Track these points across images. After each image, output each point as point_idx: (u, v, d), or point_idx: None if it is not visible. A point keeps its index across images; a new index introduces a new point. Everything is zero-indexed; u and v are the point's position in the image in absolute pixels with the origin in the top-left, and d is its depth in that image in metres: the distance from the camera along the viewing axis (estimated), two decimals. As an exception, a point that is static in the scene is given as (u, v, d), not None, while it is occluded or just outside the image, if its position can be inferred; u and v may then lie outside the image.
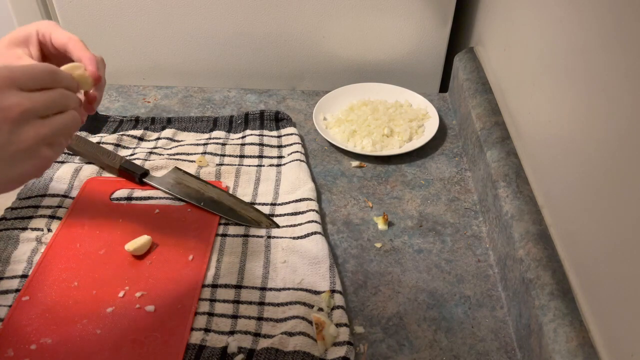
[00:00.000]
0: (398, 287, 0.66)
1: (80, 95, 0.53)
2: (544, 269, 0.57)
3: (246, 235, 0.70)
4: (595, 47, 0.54)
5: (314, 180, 0.80)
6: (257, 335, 0.59)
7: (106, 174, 0.79)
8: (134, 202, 0.75)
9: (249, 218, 0.72)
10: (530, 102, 0.70)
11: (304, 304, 0.61)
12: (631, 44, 0.47)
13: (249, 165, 0.81)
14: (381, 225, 0.74)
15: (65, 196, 0.75)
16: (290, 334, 0.58)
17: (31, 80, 0.44)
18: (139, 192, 0.76)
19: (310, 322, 0.59)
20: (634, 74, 0.46)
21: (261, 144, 0.85)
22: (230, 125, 0.90)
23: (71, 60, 0.56)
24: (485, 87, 0.86)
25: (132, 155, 0.83)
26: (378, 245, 0.71)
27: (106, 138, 0.85)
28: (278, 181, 0.79)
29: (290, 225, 0.72)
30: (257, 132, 0.87)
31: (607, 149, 0.51)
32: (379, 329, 0.62)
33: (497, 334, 0.61)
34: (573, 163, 0.58)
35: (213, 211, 0.73)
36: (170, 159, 0.81)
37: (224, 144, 0.85)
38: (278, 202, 0.75)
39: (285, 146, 0.85)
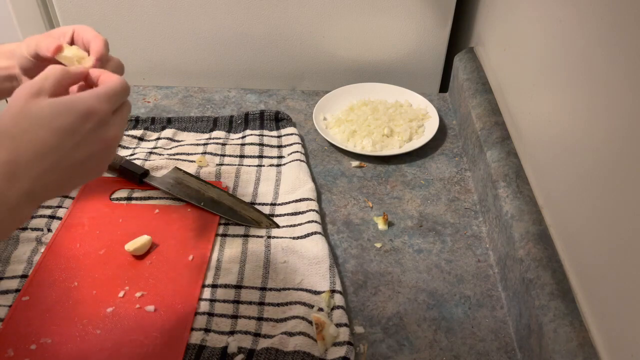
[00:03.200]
0: (398, 287, 0.66)
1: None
2: (544, 269, 0.57)
3: (246, 235, 0.70)
4: (595, 47, 0.54)
5: (314, 180, 0.80)
6: (257, 335, 0.59)
7: (106, 174, 0.79)
8: (134, 202, 0.75)
9: (249, 218, 0.72)
10: (530, 102, 0.70)
11: (304, 304, 0.61)
12: (631, 44, 0.47)
13: (249, 165, 0.81)
14: (381, 225, 0.74)
15: (65, 196, 0.75)
16: (290, 334, 0.58)
17: (119, 101, 0.48)
18: (139, 192, 0.76)
19: (310, 322, 0.59)
20: (634, 74, 0.46)
21: (261, 144, 0.85)
22: (230, 125, 0.90)
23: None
24: (485, 87, 0.86)
25: (132, 155, 0.83)
26: (378, 245, 0.71)
27: (106, 138, 0.85)
28: (278, 181, 0.79)
29: (290, 225, 0.71)
30: (257, 132, 0.87)
31: (608, 149, 0.51)
32: (379, 329, 0.62)
33: (497, 334, 0.61)
34: (573, 163, 0.58)
35: (213, 211, 0.73)
36: (170, 159, 0.81)
37: (224, 144, 0.85)
38: (278, 202, 0.75)
39: (285, 146, 0.85)
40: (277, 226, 0.72)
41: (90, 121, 0.44)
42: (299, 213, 0.73)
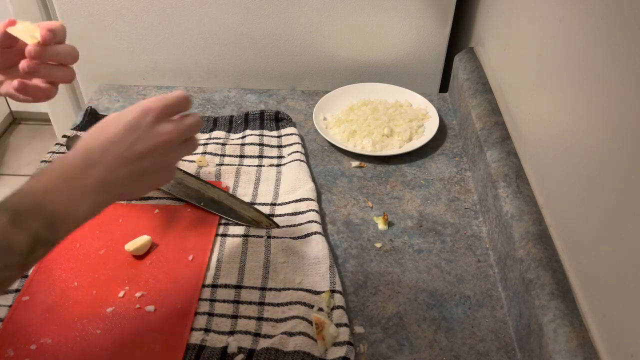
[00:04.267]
0: (398, 287, 0.66)
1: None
2: (544, 269, 0.57)
3: (246, 235, 0.70)
4: (595, 47, 0.54)
5: (314, 180, 0.80)
6: (257, 335, 0.59)
7: (106, 174, 0.79)
8: (133, 202, 0.75)
9: (249, 218, 0.72)
10: (530, 102, 0.70)
11: (304, 304, 0.61)
12: (631, 44, 0.47)
13: (249, 165, 0.81)
14: (381, 225, 0.74)
15: (65, 196, 0.75)
16: (290, 334, 0.58)
17: (179, 109, 0.53)
18: (139, 192, 0.76)
19: (310, 322, 0.59)
20: (634, 74, 0.46)
21: (261, 144, 0.85)
22: (230, 125, 0.90)
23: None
24: (485, 87, 0.86)
25: (132, 155, 0.82)
26: (378, 245, 0.71)
27: (106, 138, 0.85)
28: (278, 181, 0.79)
29: (290, 225, 0.71)
30: (257, 132, 0.87)
31: (608, 148, 0.51)
32: (379, 329, 0.62)
33: (497, 334, 0.61)
34: (573, 163, 0.58)
35: (213, 211, 0.73)
36: (170, 159, 0.81)
37: (224, 144, 0.85)
38: (278, 202, 0.75)
39: (285, 146, 0.85)
40: (277, 226, 0.72)
41: (147, 117, 0.50)
42: (299, 213, 0.73)
